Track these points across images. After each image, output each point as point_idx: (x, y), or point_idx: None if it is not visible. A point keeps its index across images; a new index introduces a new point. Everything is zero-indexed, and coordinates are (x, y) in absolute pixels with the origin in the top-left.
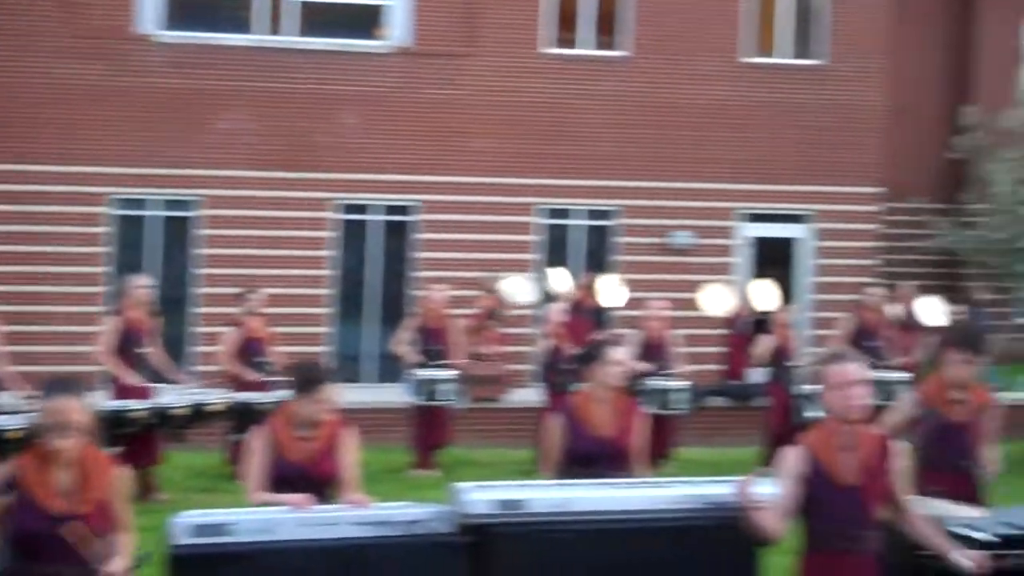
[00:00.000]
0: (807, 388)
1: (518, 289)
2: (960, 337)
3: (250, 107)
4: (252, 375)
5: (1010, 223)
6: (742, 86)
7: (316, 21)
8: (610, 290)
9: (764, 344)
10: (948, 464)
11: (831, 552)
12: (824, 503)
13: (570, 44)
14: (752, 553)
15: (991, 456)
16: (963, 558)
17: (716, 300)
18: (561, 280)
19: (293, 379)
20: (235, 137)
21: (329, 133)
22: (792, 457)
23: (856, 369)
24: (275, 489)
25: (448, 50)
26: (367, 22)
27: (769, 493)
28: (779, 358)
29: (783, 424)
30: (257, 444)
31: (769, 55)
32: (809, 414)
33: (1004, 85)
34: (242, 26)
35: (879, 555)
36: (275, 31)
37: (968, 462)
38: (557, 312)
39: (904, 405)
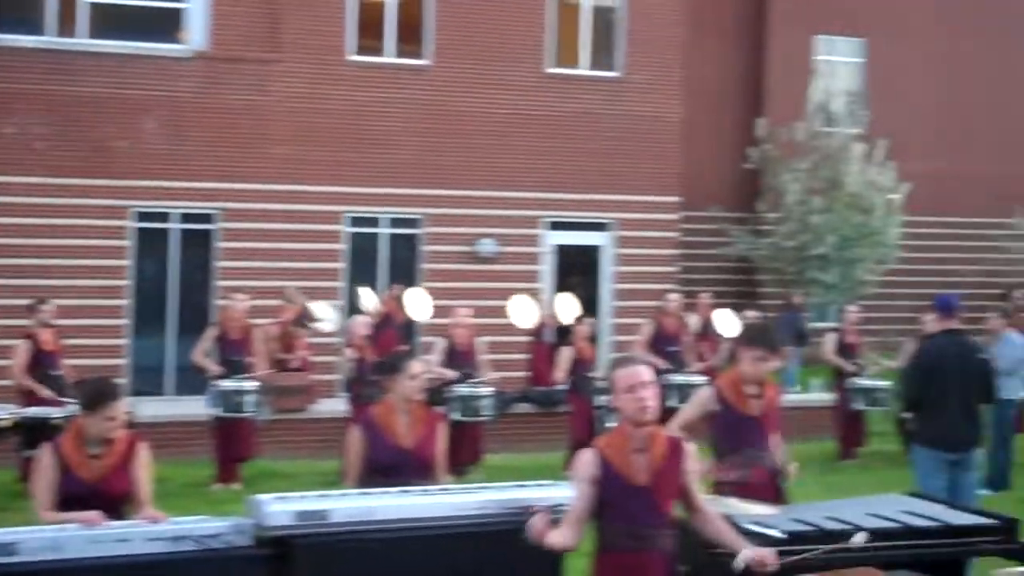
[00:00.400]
0: (607, 399)
1: (322, 314)
2: (755, 335)
3: (41, 111)
4: (43, 389)
5: (800, 231)
6: (545, 96)
7: (111, 23)
8: (416, 303)
9: (564, 358)
10: (742, 457)
11: (624, 552)
12: (616, 504)
13: (375, 52)
14: (555, 556)
15: (782, 451)
16: (754, 555)
17: (522, 312)
18: (368, 298)
19: (81, 396)
20: (25, 142)
21: (125, 139)
22: (585, 461)
23: (645, 371)
24: (67, 507)
25: (250, 55)
26: (166, 25)
27: (558, 504)
28: (579, 369)
29: (586, 434)
30: (46, 461)
31: (572, 66)
32: (610, 424)
33: (796, 98)
34: (33, 27)
35: (672, 554)
36: (67, 33)
37: (761, 455)
38: (362, 324)
39: (699, 399)
